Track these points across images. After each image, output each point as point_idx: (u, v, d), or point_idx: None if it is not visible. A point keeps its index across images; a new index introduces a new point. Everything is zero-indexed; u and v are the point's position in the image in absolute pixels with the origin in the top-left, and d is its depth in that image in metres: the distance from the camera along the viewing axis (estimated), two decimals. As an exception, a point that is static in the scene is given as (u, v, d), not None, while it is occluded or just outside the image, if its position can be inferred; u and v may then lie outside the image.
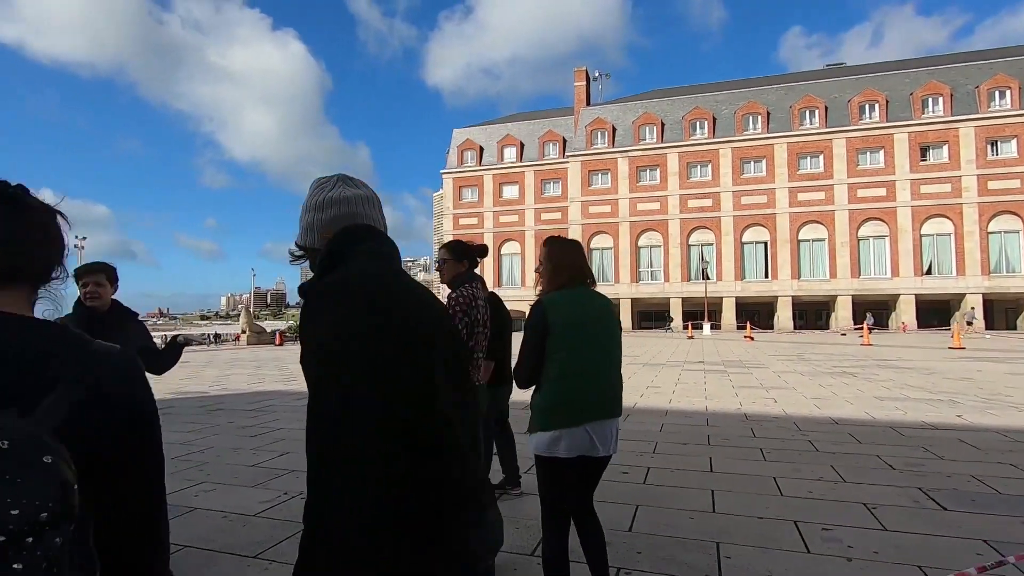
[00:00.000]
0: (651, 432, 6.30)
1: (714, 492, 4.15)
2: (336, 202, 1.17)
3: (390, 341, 1.00)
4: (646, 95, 47.01)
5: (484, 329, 2.96)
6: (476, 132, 48.27)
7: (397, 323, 1.03)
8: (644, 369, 13.59)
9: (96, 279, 2.79)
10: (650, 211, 41.54)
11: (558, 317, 2.20)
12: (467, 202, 47.19)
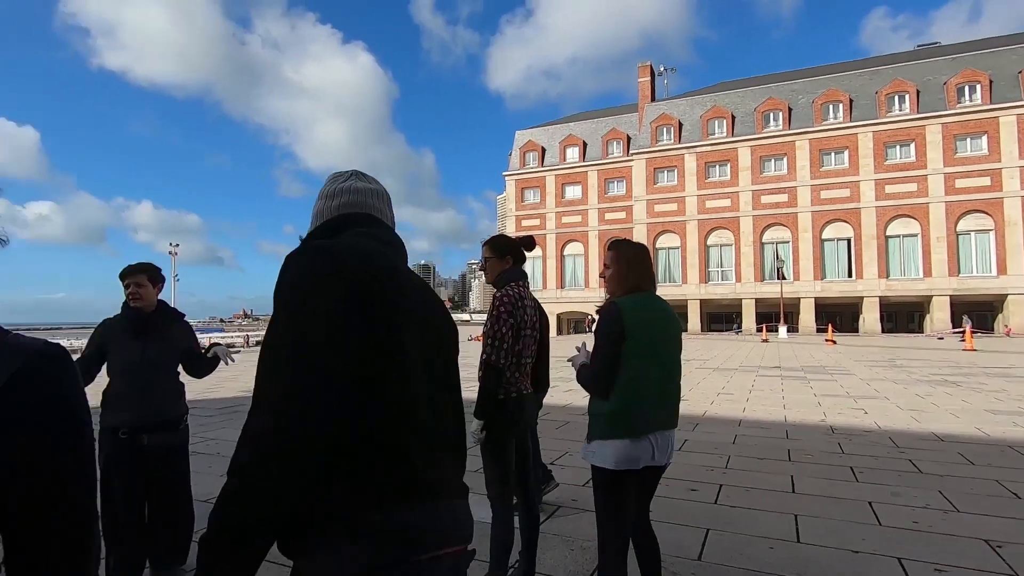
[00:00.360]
0: (723, 444, 5.79)
1: (797, 517, 3.67)
2: (347, 192, 1.19)
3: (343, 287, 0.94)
4: (714, 88, 45.11)
5: (532, 332, 2.69)
6: (538, 133, 48.09)
7: (359, 276, 0.97)
8: (714, 374, 12.84)
9: (137, 280, 2.77)
10: (720, 208, 39.73)
11: (633, 320, 2.15)
12: (529, 203, 47.06)
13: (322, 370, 0.89)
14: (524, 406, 2.66)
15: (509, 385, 2.55)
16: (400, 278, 1.05)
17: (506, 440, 2.56)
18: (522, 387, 2.65)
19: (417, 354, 1.03)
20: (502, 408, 2.52)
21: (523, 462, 2.71)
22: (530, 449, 2.76)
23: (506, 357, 2.50)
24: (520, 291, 2.65)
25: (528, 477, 2.73)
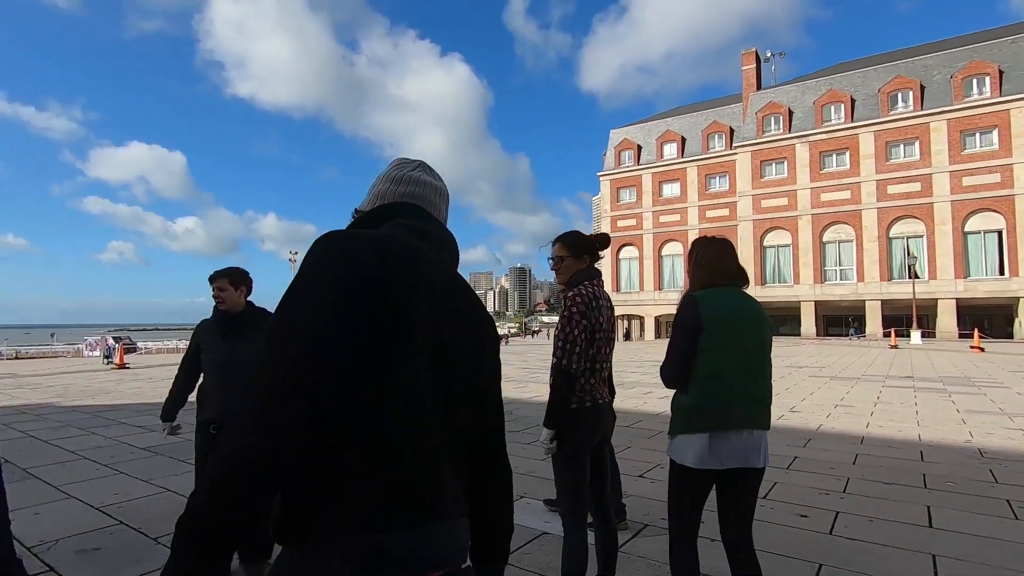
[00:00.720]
0: (841, 464, 5.12)
1: (936, 559, 3.09)
2: (414, 182, 1.14)
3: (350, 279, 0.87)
4: (828, 71, 41.21)
5: (607, 335, 2.47)
6: (633, 131, 46.80)
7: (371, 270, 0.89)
8: (832, 383, 11.60)
9: (219, 284, 2.89)
10: (838, 201, 36.22)
11: (711, 313, 2.09)
12: (625, 203, 45.90)
13: (305, 364, 0.83)
14: (601, 416, 2.44)
15: (583, 393, 2.34)
16: (422, 275, 0.96)
17: (580, 453, 2.36)
18: (598, 395, 2.44)
19: (429, 356, 0.94)
20: (576, 418, 2.33)
21: (599, 476, 2.48)
22: (607, 462, 2.53)
23: (579, 362, 2.29)
24: (595, 290, 2.44)
25: (604, 492, 2.50)
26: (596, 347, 2.37)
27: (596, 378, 2.41)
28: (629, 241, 44.82)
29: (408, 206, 1.10)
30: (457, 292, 1.04)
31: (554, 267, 2.54)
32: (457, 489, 0.98)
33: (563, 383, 2.28)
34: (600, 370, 2.42)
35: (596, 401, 2.37)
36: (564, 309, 2.37)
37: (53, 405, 9.70)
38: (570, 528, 2.35)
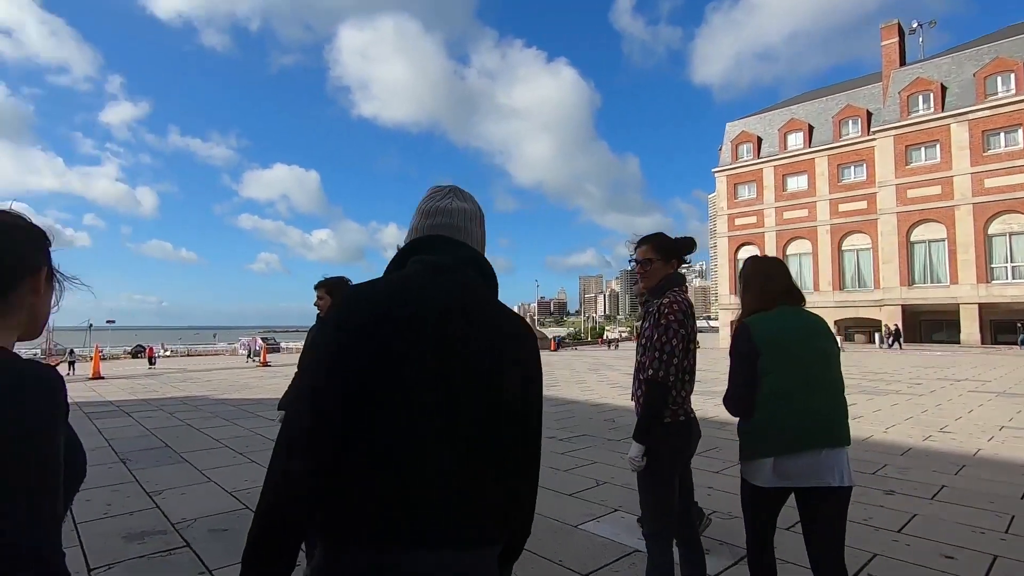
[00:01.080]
0: (1004, 498, 4.33)
1: None
2: (442, 212, 1.20)
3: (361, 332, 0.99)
4: (992, 37, 35.44)
5: (695, 345, 2.29)
6: (752, 122, 43.71)
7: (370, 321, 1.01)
8: (997, 400, 9.92)
9: (319, 292, 3.11)
10: (1007, 187, 30.99)
11: (764, 336, 2.09)
12: (744, 200, 42.97)
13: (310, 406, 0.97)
14: (692, 431, 2.28)
15: (676, 406, 2.20)
16: (416, 314, 1.03)
17: (671, 470, 2.21)
18: (689, 409, 2.27)
19: (434, 379, 1.00)
20: (669, 432, 2.19)
21: (686, 496, 2.31)
22: (691, 481, 2.34)
23: (675, 373, 2.15)
24: (688, 298, 2.28)
25: (691, 512, 2.32)
26: (690, 359, 2.21)
27: (688, 391, 2.26)
28: (748, 240, 41.83)
29: (434, 238, 1.17)
30: (471, 318, 1.07)
31: (639, 271, 2.38)
32: (476, 508, 0.99)
33: (657, 396, 2.15)
34: (691, 382, 2.26)
35: (688, 415, 2.23)
36: (660, 317, 2.20)
37: (207, 398, 11.11)
38: (656, 552, 2.20)
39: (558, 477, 4.94)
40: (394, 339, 0.99)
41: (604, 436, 6.90)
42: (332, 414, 0.95)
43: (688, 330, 2.20)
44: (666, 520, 2.21)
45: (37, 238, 0.96)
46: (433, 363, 0.99)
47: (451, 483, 0.96)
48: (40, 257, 0.94)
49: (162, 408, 9.74)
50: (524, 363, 1.10)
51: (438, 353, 1.00)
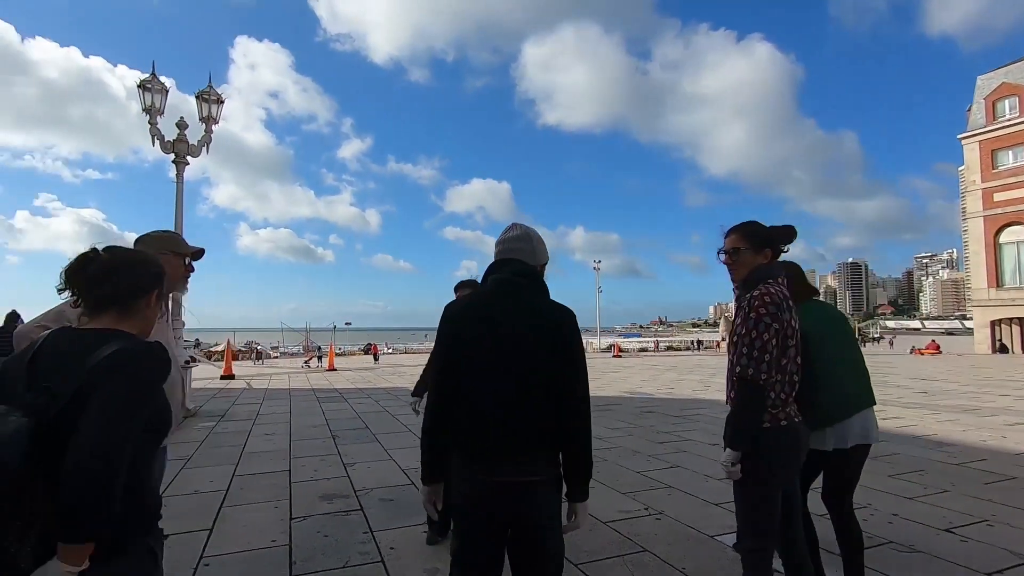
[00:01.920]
0: None
1: None
2: (502, 242, 1.89)
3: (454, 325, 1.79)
4: None
5: (798, 344, 2.04)
6: (1017, 71, 34.60)
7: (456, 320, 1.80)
8: None
9: (460, 292, 3.43)
10: None
11: (811, 332, 2.25)
12: (1007, 169, 34.15)
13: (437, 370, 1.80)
14: (799, 439, 2.06)
15: (776, 409, 2.00)
16: (477, 309, 1.78)
17: (770, 482, 2.02)
18: (794, 413, 2.06)
19: (487, 354, 1.69)
20: (768, 439, 2.00)
21: (791, 513, 2.08)
22: (799, 497, 2.10)
23: (769, 371, 1.96)
24: (784, 290, 2.07)
25: (796, 534, 2.08)
26: (790, 356, 2.00)
27: (788, 393, 2.03)
28: (1015, 219, 33.21)
29: (499, 262, 1.84)
30: (513, 311, 1.72)
31: (726, 261, 2.21)
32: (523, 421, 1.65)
33: (747, 396, 1.97)
34: (795, 383, 2.04)
35: (792, 419, 2.02)
36: (750, 310, 2.02)
37: (406, 388, 12.71)
38: (750, 572, 2.03)
39: (709, 485, 4.66)
40: (463, 328, 1.75)
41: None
42: (442, 370, 1.75)
43: (783, 324, 1.99)
44: (765, 538, 2.02)
45: (155, 270, 1.43)
46: (489, 341, 1.68)
47: (501, 409, 1.65)
48: (153, 283, 1.43)
49: (371, 396, 11.45)
50: (549, 336, 1.69)
51: (492, 334, 1.68)
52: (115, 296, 1.36)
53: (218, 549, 3.42)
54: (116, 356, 1.23)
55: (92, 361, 1.21)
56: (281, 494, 4.56)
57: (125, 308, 1.38)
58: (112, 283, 1.36)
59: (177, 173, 9.22)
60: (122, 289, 1.36)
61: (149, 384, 1.27)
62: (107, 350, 1.23)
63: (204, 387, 13.19)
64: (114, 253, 1.40)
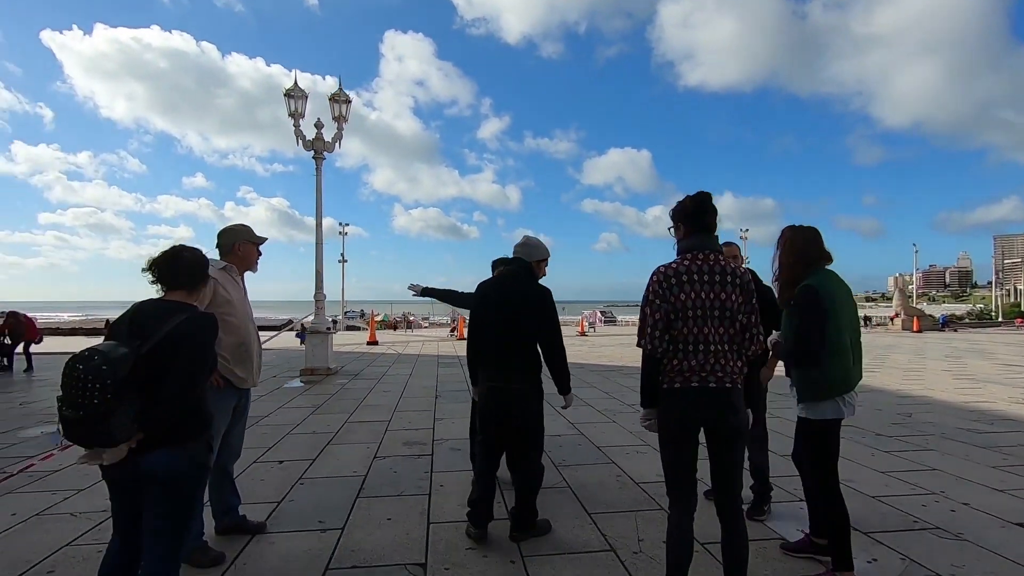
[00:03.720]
0: None
1: None
2: (516, 247, 3.30)
3: (477, 299, 3.22)
4: None
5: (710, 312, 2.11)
6: None
7: (478, 296, 3.22)
8: None
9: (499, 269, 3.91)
10: None
11: (831, 297, 2.48)
12: None
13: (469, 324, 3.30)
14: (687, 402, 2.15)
15: (675, 374, 2.16)
16: (488, 289, 3.20)
17: (668, 437, 2.21)
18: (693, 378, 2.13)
19: (495, 312, 3.09)
20: (664, 400, 2.20)
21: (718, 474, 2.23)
22: (730, 461, 2.20)
23: (654, 342, 2.15)
24: (684, 266, 2.17)
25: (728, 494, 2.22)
26: (689, 326, 2.14)
27: (689, 360, 2.13)
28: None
29: (508, 258, 3.38)
30: (510, 290, 3.11)
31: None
32: (514, 356, 3.05)
33: (643, 363, 2.22)
34: (695, 352, 2.13)
35: (689, 384, 2.15)
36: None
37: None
38: (670, 512, 2.24)
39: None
40: (483, 298, 3.17)
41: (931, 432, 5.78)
42: (471, 324, 3.21)
43: (673, 300, 2.13)
44: (671, 484, 2.23)
45: (207, 270, 2.08)
46: (494, 307, 3.08)
47: (498, 345, 3.04)
48: (207, 278, 2.13)
49: (486, 363, 12.39)
50: (530, 305, 3.04)
51: (498, 303, 3.08)
52: (190, 281, 2.05)
53: (314, 473, 4.32)
54: (189, 322, 1.89)
55: (171, 323, 1.88)
56: (375, 438, 5.45)
57: (193, 289, 2.06)
58: (189, 273, 2.04)
59: (316, 167, 10.75)
60: (196, 278, 2.06)
61: (205, 344, 1.92)
62: (181, 316, 1.90)
63: (350, 351, 15.26)
64: (193, 253, 2.09)
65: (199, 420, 1.92)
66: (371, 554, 2.91)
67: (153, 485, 1.83)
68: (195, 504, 1.97)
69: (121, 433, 1.69)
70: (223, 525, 3.10)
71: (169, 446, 1.81)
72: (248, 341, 2.97)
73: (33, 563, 2.83)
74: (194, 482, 1.92)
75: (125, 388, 1.67)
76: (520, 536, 3.06)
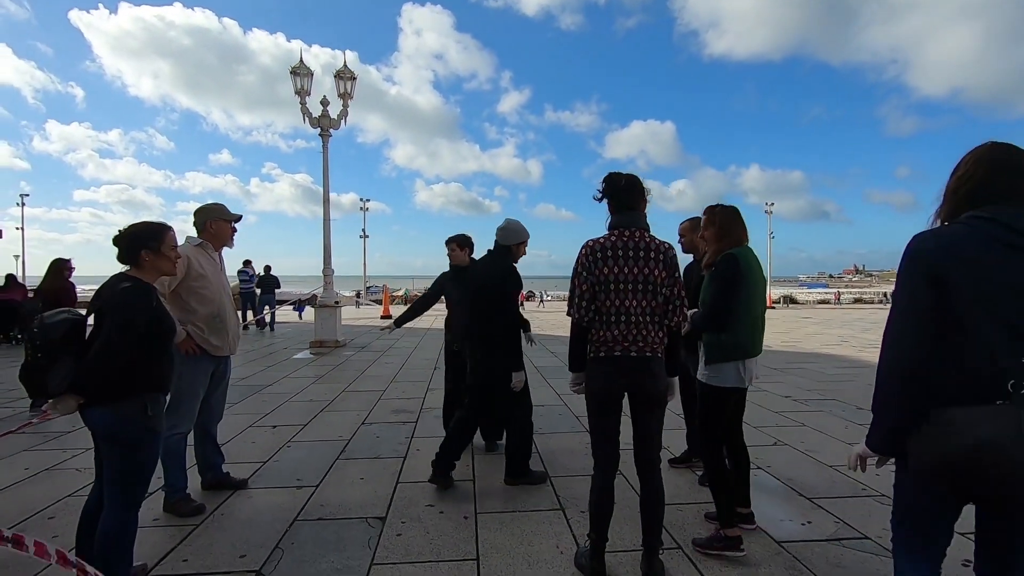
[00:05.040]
0: None
1: None
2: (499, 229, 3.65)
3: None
4: None
5: (634, 286, 2.25)
6: None
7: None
8: None
9: (450, 246, 4.10)
10: None
11: (748, 267, 2.66)
12: None
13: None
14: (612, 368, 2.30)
15: (600, 343, 2.31)
16: (474, 270, 3.85)
17: (594, 401, 2.38)
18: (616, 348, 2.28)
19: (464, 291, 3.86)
20: (589, 367, 2.36)
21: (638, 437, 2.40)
22: (648, 428, 2.36)
23: (580, 312, 2.31)
24: (610, 241, 2.31)
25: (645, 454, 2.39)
26: (612, 299, 2.27)
27: (612, 330, 2.27)
28: None
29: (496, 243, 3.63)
30: (484, 270, 3.58)
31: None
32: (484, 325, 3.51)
33: (572, 331, 2.38)
34: (617, 322, 2.27)
35: (612, 353, 2.29)
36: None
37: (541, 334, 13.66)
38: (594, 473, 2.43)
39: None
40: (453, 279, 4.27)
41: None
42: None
43: (598, 273, 2.27)
44: (596, 447, 2.40)
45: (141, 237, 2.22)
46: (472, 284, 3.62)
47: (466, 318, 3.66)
48: (143, 246, 2.21)
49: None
50: (492, 281, 3.46)
51: (473, 281, 3.63)
52: (130, 257, 2.23)
53: (302, 437, 4.61)
54: (122, 292, 2.09)
55: (108, 293, 2.09)
56: (367, 406, 5.73)
57: (135, 263, 2.23)
58: (126, 249, 2.23)
59: (323, 144, 10.94)
60: (132, 251, 2.23)
61: (130, 311, 2.10)
62: (120, 286, 2.10)
63: (363, 324, 15.66)
64: (132, 229, 2.28)
65: (132, 382, 2.07)
66: (337, 508, 3.16)
67: (98, 439, 2.07)
68: (142, 460, 2.13)
69: (55, 387, 1.92)
70: (207, 481, 3.38)
71: (103, 405, 2.02)
72: (223, 312, 3.19)
73: (39, 509, 3.16)
74: (134, 440, 2.08)
75: (58, 349, 1.90)
76: (512, 482, 3.54)
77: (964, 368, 1.29)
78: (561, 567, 2.51)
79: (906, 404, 1.36)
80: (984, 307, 1.28)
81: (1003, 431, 1.21)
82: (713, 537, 2.63)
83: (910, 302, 1.38)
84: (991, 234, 1.29)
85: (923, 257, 1.35)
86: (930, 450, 1.32)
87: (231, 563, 2.56)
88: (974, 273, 1.29)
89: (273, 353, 9.89)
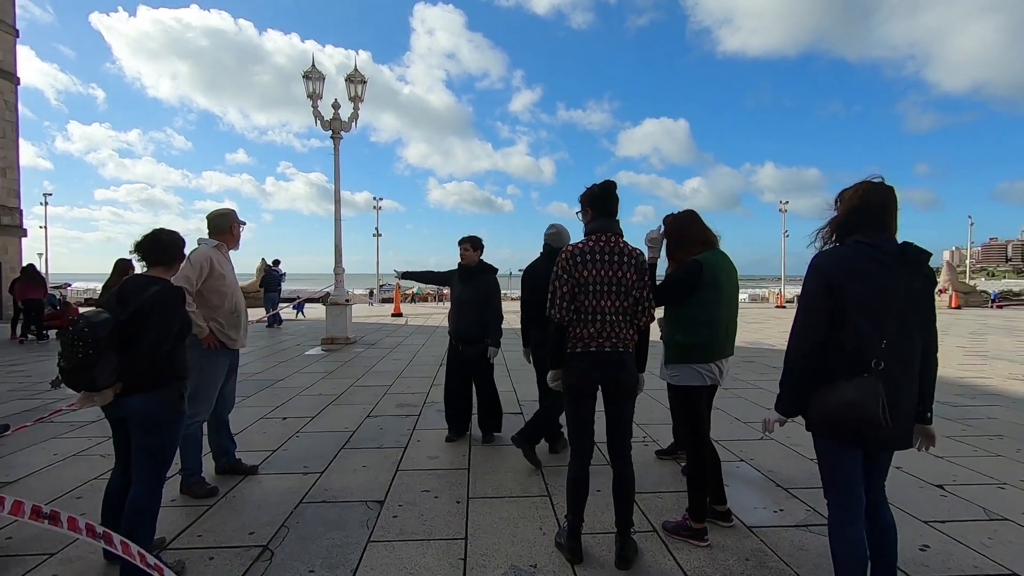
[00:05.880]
0: None
1: None
2: (547, 235, 4.09)
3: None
4: None
5: (608, 287, 2.45)
6: None
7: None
8: None
9: (463, 246, 4.34)
10: None
11: (714, 272, 2.76)
12: None
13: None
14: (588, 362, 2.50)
15: (577, 339, 2.51)
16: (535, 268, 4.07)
17: (571, 393, 2.57)
18: (592, 343, 2.47)
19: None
20: (568, 361, 2.55)
21: (611, 428, 2.60)
22: (619, 418, 2.56)
23: (561, 311, 2.49)
24: (589, 246, 2.50)
25: (617, 445, 2.59)
26: (590, 299, 2.46)
27: (588, 328, 2.47)
28: None
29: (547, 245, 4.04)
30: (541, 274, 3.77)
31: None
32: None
33: (550, 330, 2.57)
34: (593, 321, 2.46)
35: (588, 348, 2.49)
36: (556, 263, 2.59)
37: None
38: (572, 459, 2.63)
39: (719, 416, 4.88)
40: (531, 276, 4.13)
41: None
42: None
43: (578, 275, 2.46)
44: (573, 435, 2.60)
45: (181, 243, 2.51)
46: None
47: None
48: (181, 256, 2.57)
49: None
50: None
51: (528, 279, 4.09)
52: (167, 258, 2.50)
53: (310, 428, 4.86)
54: (161, 293, 2.34)
55: (146, 294, 2.33)
56: (373, 400, 5.98)
57: (170, 266, 2.51)
58: (166, 252, 2.50)
59: (334, 147, 11.22)
60: (171, 255, 2.51)
61: (173, 310, 2.36)
62: (155, 288, 2.35)
63: (373, 322, 15.96)
64: (170, 235, 2.53)
65: (170, 372, 2.36)
66: (340, 493, 3.40)
67: (134, 423, 2.31)
68: (171, 441, 2.41)
69: (103, 380, 2.15)
70: (221, 466, 3.64)
71: (145, 392, 2.27)
72: (238, 308, 3.45)
73: (68, 491, 3.44)
74: (168, 422, 2.36)
75: (105, 345, 2.13)
76: (516, 443, 3.83)
77: (844, 352, 1.82)
78: (542, 547, 2.72)
79: (806, 378, 1.89)
80: (862, 307, 1.75)
81: (865, 394, 1.75)
82: (680, 525, 2.82)
83: (811, 303, 1.85)
84: (869, 254, 1.80)
85: (823, 270, 1.85)
86: (819, 409, 1.87)
87: (241, 539, 2.80)
88: (858, 283, 1.79)
89: (286, 349, 10.20)
